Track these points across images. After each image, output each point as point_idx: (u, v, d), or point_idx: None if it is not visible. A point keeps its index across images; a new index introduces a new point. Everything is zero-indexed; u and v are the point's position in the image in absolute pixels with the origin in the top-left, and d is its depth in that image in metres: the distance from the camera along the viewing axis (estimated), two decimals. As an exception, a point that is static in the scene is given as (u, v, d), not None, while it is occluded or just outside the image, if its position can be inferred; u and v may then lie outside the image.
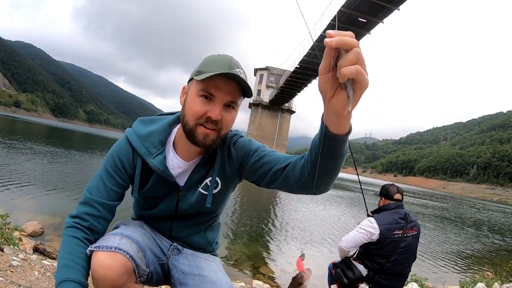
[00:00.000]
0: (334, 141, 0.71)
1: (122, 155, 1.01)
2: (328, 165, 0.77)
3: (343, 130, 0.69)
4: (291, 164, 0.90)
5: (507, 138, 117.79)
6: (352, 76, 0.54)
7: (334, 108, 0.63)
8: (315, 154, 0.76)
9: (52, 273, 2.01)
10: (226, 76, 0.87)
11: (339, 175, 0.89)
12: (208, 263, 1.13)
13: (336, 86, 0.60)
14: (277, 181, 0.93)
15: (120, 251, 0.90)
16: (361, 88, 0.57)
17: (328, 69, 0.57)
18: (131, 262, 0.92)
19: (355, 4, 16.74)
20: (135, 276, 0.95)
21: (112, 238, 0.94)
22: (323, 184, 0.83)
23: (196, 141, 0.92)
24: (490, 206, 37.50)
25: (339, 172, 0.82)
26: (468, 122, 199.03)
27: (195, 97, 0.90)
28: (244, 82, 0.90)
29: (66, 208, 5.77)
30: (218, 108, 0.89)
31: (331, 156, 0.75)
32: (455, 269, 6.18)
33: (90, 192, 0.99)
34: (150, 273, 1.03)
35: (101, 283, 0.88)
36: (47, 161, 10.92)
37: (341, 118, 0.65)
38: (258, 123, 39.34)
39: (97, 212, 0.97)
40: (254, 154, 0.99)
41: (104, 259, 0.88)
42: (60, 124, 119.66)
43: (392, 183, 2.70)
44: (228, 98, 0.90)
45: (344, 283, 2.39)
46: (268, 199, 12.33)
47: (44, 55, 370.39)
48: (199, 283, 1.02)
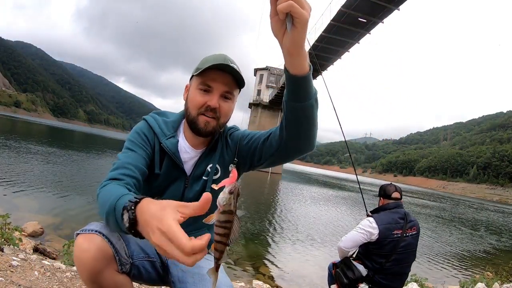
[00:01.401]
0: (295, 82, 0.76)
1: (146, 131, 1.06)
2: (298, 111, 0.81)
3: (300, 69, 0.74)
4: (273, 131, 0.99)
5: (507, 138, 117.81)
6: (286, 10, 0.61)
7: (285, 47, 0.69)
8: (285, 103, 0.82)
9: (52, 273, 2.02)
10: (221, 70, 0.98)
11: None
12: (208, 262, 1.13)
13: (283, 27, 0.66)
14: (263, 152, 1.01)
15: (99, 234, 0.89)
16: (300, 21, 0.63)
17: (274, 13, 0.65)
18: (109, 246, 0.90)
19: (355, 4, 16.72)
20: (116, 263, 0.93)
21: (96, 223, 0.93)
22: (300, 137, 0.88)
23: (198, 128, 1.01)
24: (490, 206, 37.49)
25: (315, 128, 0.86)
26: (468, 122, 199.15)
27: (195, 90, 1.02)
28: (236, 72, 1.00)
29: (66, 208, 5.78)
30: (216, 97, 1.00)
31: (298, 100, 0.79)
32: (455, 269, 6.18)
33: (120, 159, 0.96)
34: (136, 266, 1.01)
35: (79, 267, 0.87)
36: (47, 161, 10.92)
37: (291, 54, 0.71)
38: (258, 123, 39.33)
39: (132, 172, 0.93)
40: (246, 138, 1.11)
41: (82, 242, 0.87)
42: (60, 124, 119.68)
43: (390, 182, 2.70)
44: (224, 89, 1.01)
45: (344, 283, 2.39)
46: (268, 199, 12.34)
47: (44, 55, 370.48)
48: (198, 281, 1.03)
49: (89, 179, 9.19)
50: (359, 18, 17.62)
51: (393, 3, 16.64)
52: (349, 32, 19.17)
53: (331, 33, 19.28)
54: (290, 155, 0.96)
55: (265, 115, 40.66)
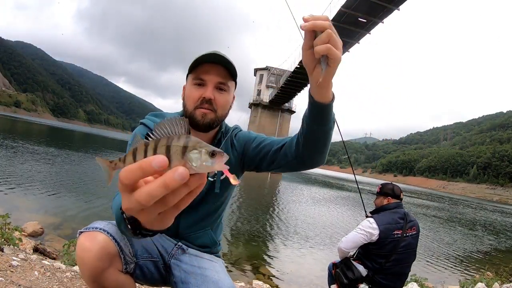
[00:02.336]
0: (319, 108, 0.82)
1: (144, 134, 1.07)
2: (318, 132, 0.88)
3: (325, 98, 0.80)
4: (288, 142, 1.03)
5: (507, 138, 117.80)
6: (324, 53, 0.66)
7: (314, 79, 0.74)
8: (306, 124, 0.87)
9: (52, 273, 2.02)
10: (212, 62, 1.01)
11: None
12: (211, 263, 1.14)
13: (316, 61, 0.70)
14: (276, 160, 1.05)
15: (103, 231, 0.88)
16: (334, 62, 0.68)
17: (308, 47, 0.68)
18: (114, 243, 0.89)
19: (355, 4, 16.75)
20: (121, 262, 0.92)
21: (100, 222, 0.93)
22: (316, 154, 0.94)
23: (196, 121, 1.03)
24: (490, 206, 37.49)
25: (329, 145, 0.92)
26: (468, 122, 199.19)
27: (190, 86, 1.05)
28: (228, 62, 1.02)
29: (66, 208, 5.77)
30: (210, 89, 1.02)
31: (319, 123, 0.85)
32: (455, 269, 6.18)
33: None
34: (140, 266, 1.01)
35: (81, 267, 0.86)
36: (47, 161, 10.93)
37: (321, 87, 0.76)
38: (258, 123, 39.33)
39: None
40: (254, 141, 1.13)
41: (84, 241, 0.86)
42: (60, 124, 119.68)
43: (390, 182, 2.69)
44: (218, 79, 1.03)
45: (344, 283, 2.39)
46: (268, 199, 12.35)
47: (44, 55, 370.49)
48: (201, 282, 1.03)
49: (89, 179, 9.18)
50: (359, 18, 17.64)
51: (393, 3, 16.67)
52: (349, 32, 19.18)
53: (331, 33, 19.28)
54: (302, 167, 1.02)
55: (265, 115, 40.66)
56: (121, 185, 0.39)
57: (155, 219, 0.42)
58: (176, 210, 0.41)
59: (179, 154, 0.38)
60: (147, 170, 0.37)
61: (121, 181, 0.38)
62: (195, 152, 0.38)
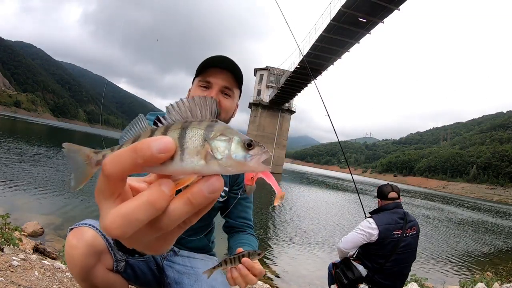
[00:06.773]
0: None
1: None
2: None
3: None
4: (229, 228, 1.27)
5: (507, 138, 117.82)
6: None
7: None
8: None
9: (52, 273, 2.01)
10: (220, 67, 1.04)
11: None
12: (204, 263, 1.15)
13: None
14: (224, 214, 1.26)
15: (92, 227, 0.87)
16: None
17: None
18: (102, 239, 0.87)
19: (355, 4, 16.73)
20: (112, 258, 0.91)
21: (90, 219, 0.92)
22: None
23: None
24: (490, 206, 37.47)
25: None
26: (468, 122, 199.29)
27: (196, 88, 1.07)
28: (234, 68, 1.04)
29: (66, 208, 5.77)
30: (215, 91, 1.05)
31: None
32: (455, 269, 6.17)
33: None
34: (131, 266, 1.00)
35: (69, 264, 0.85)
36: (47, 161, 10.92)
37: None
38: (258, 123, 39.30)
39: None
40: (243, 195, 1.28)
41: (72, 238, 0.84)
42: (60, 124, 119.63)
43: (387, 183, 2.68)
44: (223, 83, 1.05)
45: (344, 283, 2.39)
46: (268, 200, 12.33)
47: (44, 55, 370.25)
48: (194, 281, 1.04)
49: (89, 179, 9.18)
50: (359, 18, 17.62)
51: (393, 3, 16.65)
52: (349, 32, 19.17)
53: (331, 33, 19.29)
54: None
55: (265, 115, 40.65)
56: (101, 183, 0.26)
57: (150, 244, 0.30)
58: (179, 230, 0.29)
59: (199, 139, 0.26)
60: (144, 156, 0.24)
61: (104, 172, 0.25)
62: (222, 138, 0.26)
